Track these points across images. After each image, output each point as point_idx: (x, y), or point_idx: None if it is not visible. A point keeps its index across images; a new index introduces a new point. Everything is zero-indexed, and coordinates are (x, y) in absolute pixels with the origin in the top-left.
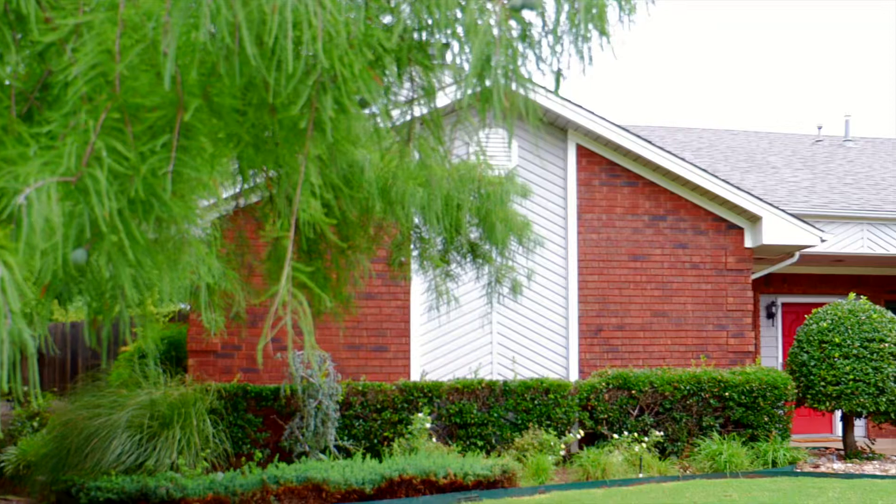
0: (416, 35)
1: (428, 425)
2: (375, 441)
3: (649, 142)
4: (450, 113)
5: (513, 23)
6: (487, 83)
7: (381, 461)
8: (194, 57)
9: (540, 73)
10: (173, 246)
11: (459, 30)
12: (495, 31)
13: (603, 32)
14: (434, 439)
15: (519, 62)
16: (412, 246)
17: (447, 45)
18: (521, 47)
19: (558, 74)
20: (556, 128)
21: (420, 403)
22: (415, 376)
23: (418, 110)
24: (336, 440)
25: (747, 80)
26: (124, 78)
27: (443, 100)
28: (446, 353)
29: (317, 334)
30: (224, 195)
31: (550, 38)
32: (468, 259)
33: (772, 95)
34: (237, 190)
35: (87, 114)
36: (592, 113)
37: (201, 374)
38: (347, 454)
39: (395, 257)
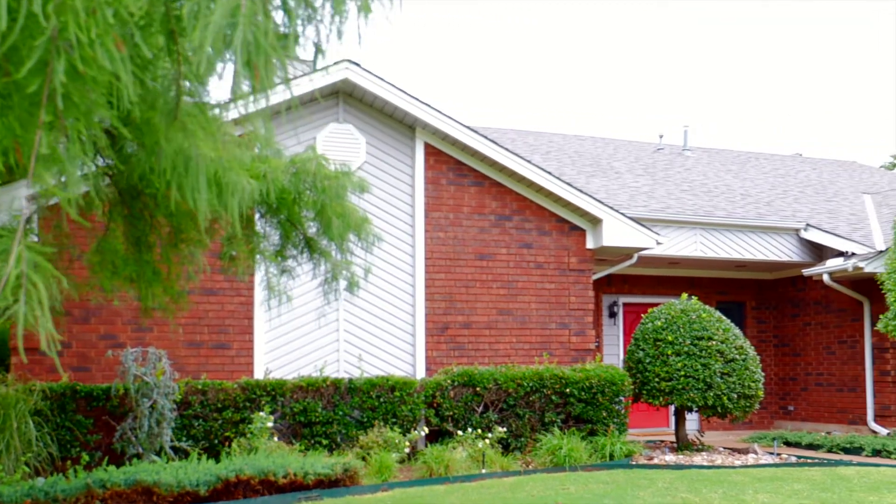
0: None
1: (270, 424)
2: (216, 441)
3: (496, 143)
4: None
5: None
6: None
7: (218, 462)
8: None
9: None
10: None
11: None
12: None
13: (364, 9)
14: (277, 439)
15: (267, 32)
16: (248, 240)
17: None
18: (278, 18)
19: (317, 48)
20: (405, 125)
21: (263, 402)
22: (258, 374)
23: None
24: (172, 441)
25: (599, 88)
26: None
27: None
28: (292, 350)
29: (155, 331)
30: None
31: (309, 10)
32: (305, 255)
33: (618, 103)
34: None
35: None
36: (440, 112)
37: (25, 374)
38: (185, 455)
39: (227, 251)
